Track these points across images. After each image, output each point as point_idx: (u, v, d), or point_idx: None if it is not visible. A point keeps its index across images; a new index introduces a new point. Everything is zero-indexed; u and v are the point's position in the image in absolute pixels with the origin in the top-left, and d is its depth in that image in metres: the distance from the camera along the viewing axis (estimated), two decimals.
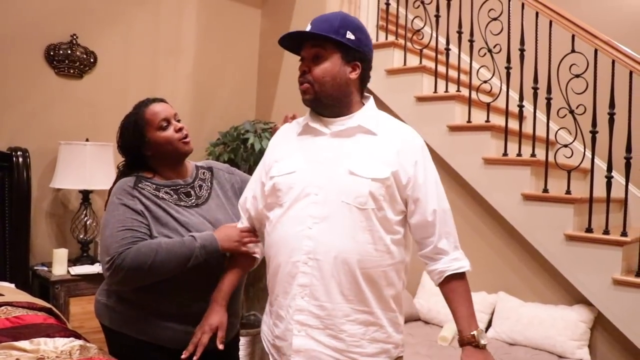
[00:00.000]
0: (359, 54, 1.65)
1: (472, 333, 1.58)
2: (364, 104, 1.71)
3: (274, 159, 1.75)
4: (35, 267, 3.29)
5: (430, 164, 1.67)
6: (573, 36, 3.17)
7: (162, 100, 2.00)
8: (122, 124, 1.99)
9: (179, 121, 1.97)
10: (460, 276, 1.65)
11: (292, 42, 1.70)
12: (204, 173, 2.06)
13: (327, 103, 1.65)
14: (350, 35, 1.63)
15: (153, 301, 1.84)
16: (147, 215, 1.83)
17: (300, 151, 1.69)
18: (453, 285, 1.64)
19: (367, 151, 1.61)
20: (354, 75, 1.65)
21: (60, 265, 3.18)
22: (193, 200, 1.95)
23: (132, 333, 1.87)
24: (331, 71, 1.62)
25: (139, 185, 1.88)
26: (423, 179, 1.62)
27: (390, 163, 1.60)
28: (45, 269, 3.25)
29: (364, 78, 1.69)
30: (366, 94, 1.75)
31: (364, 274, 1.57)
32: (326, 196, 1.58)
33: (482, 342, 1.58)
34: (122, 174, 1.99)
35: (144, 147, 1.93)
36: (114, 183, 1.95)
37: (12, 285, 2.93)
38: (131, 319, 1.87)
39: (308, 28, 1.64)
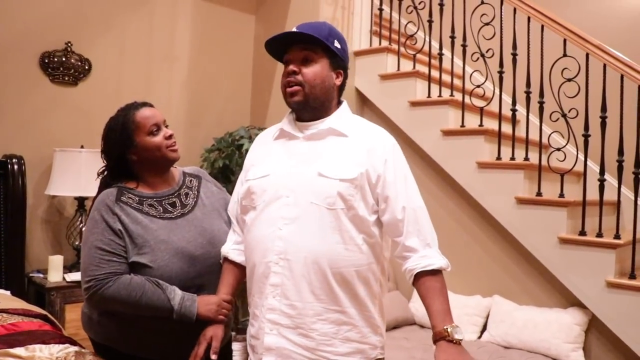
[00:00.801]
0: (342, 62, 1.72)
1: (445, 327, 1.52)
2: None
3: (251, 163, 1.80)
4: (31, 274, 3.29)
5: (401, 162, 1.68)
6: (565, 40, 3.19)
7: (150, 105, 1.95)
8: (107, 125, 1.93)
9: (167, 127, 1.93)
10: (431, 273, 1.60)
11: (277, 46, 1.73)
12: (190, 181, 2.01)
13: (314, 106, 1.68)
14: (337, 44, 1.69)
15: (137, 316, 1.77)
16: (125, 236, 1.77)
17: (274, 155, 1.73)
18: (424, 281, 1.60)
19: (337, 152, 1.65)
20: (338, 82, 1.71)
21: (55, 272, 3.18)
22: (179, 210, 1.89)
23: (118, 347, 1.84)
24: (321, 74, 1.66)
25: (122, 198, 1.82)
26: (393, 177, 1.63)
27: (360, 163, 1.62)
28: (41, 275, 3.25)
29: (343, 86, 1.76)
30: (341, 99, 1.78)
31: (335, 273, 1.59)
32: (296, 198, 1.61)
33: (457, 336, 1.52)
34: (104, 184, 1.94)
35: (129, 151, 1.86)
36: (97, 194, 1.90)
37: (8, 292, 2.93)
38: (115, 333, 1.83)
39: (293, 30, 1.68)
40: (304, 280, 1.58)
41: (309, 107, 1.68)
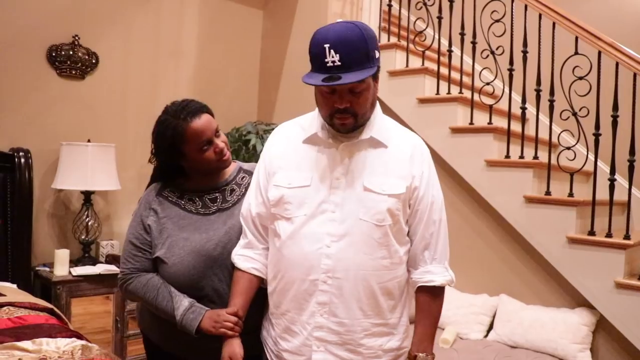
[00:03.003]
0: (379, 68, 1.58)
1: (417, 354, 1.60)
2: None
3: (278, 166, 1.66)
4: (37, 268, 3.29)
5: (434, 176, 1.67)
6: (576, 38, 3.16)
7: (203, 110, 1.81)
8: (157, 129, 1.81)
9: (219, 135, 1.82)
10: (429, 290, 1.64)
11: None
12: (243, 178, 1.92)
13: (361, 125, 1.59)
14: (376, 54, 1.52)
15: None
16: (153, 231, 1.78)
17: (310, 163, 1.62)
18: (420, 300, 1.65)
19: (380, 165, 1.59)
20: (377, 90, 1.62)
21: (61, 266, 3.18)
22: (217, 206, 1.84)
23: (152, 337, 1.87)
24: (371, 98, 1.56)
25: (163, 192, 1.84)
26: (424, 191, 1.62)
27: (403, 176, 1.59)
28: (47, 269, 3.25)
29: None
30: None
31: (381, 288, 1.58)
32: (343, 214, 1.55)
33: None
34: (154, 178, 1.93)
35: (179, 159, 1.82)
36: (150, 183, 1.93)
37: (14, 286, 2.93)
38: (150, 323, 1.86)
39: (332, 58, 1.44)
40: (353, 298, 1.56)
41: (357, 127, 1.59)
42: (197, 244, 1.76)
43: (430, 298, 1.64)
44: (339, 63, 1.43)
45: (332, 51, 1.43)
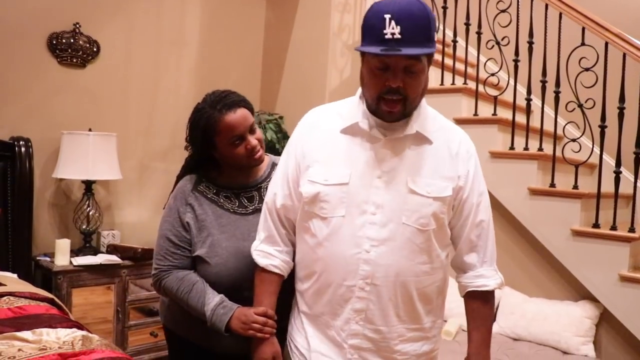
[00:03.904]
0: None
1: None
2: None
3: (315, 159, 1.52)
4: (38, 258, 3.27)
5: (480, 175, 1.55)
6: (583, 29, 3.13)
7: (241, 105, 1.75)
8: (192, 117, 1.78)
9: (254, 131, 1.77)
10: (481, 295, 1.57)
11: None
12: None
13: (409, 114, 1.46)
14: (435, 36, 1.41)
15: None
16: (192, 229, 1.75)
17: (350, 157, 1.49)
18: (473, 305, 1.57)
19: (426, 164, 1.47)
20: (428, 79, 1.49)
21: (62, 256, 3.16)
22: (255, 205, 1.80)
23: (182, 333, 1.83)
24: (424, 83, 1.43)
25: (199, 187, 1.79)
26: (470, 191, 1.52)
27: (449, 177, 1.48)
28: (48, 259, 3.24)
29: None
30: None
31: (420, 294, 1.50)
32: (385, 216, 1.44)
33: None
34: (187, 165, 1.87)
35: (210, 150, 1.78)
36: (181, 173, 1.87)
37: (15, 276, 2.91)
38: (180, 318, 1.80)
39: (392, 30, 1.31)
40: (390, 305, 1.48)
41: (404, 117, 1.45)
42: (240, 245, 1.71)
43: (482, 303, 1.57)
44: (399, 36, 1.30)
45: (393, 22, 1.31)
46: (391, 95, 1.37)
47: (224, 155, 1.76)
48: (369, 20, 1.37)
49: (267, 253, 1.61)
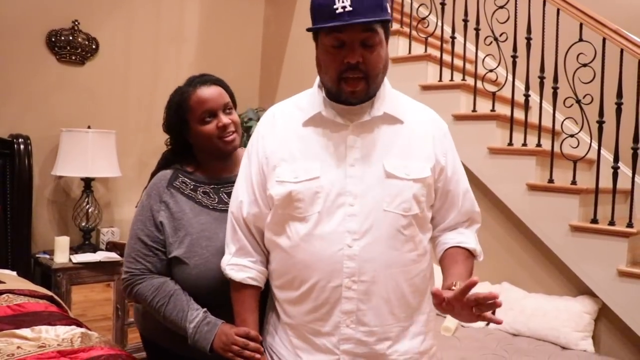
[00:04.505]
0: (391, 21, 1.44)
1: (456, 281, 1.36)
2: None
3: (280, 158, 1.42)
4: (37, 255, 3.28)
5: (454, 149, 1.51)
6: (581, 25, 3.12)
7: (215, 82, 1.70)
8: (170, 98, 1.73)
9: (229, 112, 1.68)
10: (461, 250, 1.47)
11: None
12: None
13: (372, 95, 1.39)
14: (387, 6, 1.34)
15: None
16: (166, 228, 1.63)
17: (317, 149, 1.40)
18: (454, 252, 1.47)
19: (398, 145, 1.39)
20: (388, 54, 1.39)
21: (61, 253, 3.17)
22: None
23: (162, 342, 1.70)
24: (384, 58, 1.35)
25: (175, 183, 1.68)
26: (452, 169, 1.47)
27: (427, 157, 1.41)
28: (47, 256, 3.25)
29: None
30: None
31: (410, 285, 1.41)
32: (364, 205, 1.35)
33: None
34: (164, 160, 1.77)
35: (185, 133, 1.69)
36: (156, 169, 1.76)
37: (14, 273, 2.93)
38: (159, 327, 1.65)
39: (342, 3, 1.27)
40: (382, 301, 1.37)
41: (368, 98, 1.38)
42: (222, 244, 1.57)
43: (464, 253, 1.46)
44: (350, 8, 1.26)
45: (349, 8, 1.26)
46: (351, 74, 1.31)
47: (196, 136, 1.66)
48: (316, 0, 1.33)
49: (242, 266, 1.49)
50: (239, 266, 1.49)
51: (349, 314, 1.37)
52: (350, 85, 1.32)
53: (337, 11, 1.27)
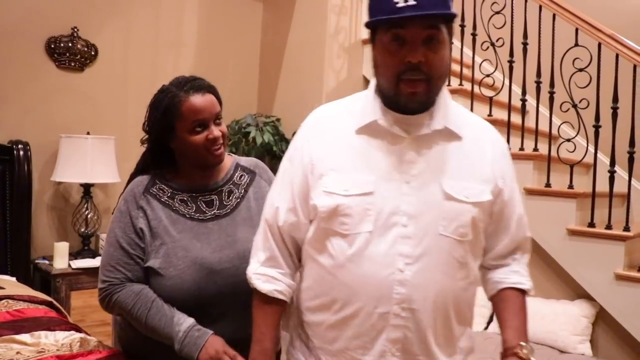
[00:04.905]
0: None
1: (520, 342, 1.30)
2: None
3: (328, 166, 1.29)
4: (37, 261, 3.29)
5: (512, 170, 1.39)
6: (577, 30, 3.15)
7: (209, 90, 1.60)
8: (155, 97, 1.61)
9: (219, 123, 1.59)
10: (518, 290, 1.40)
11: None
12: (241, 176, 1.69)
13: (432, 102, 1.26)
14: (451, 4, 1.21)
15: None
16: (146, 236, 1.55)
17: (371, 161, 1.27)
18: (510, 294, 1.37)
19: (459, 164, 1.27)
20: (451, 57, 1.28)
21: (61, 259, 3.18)
22: (214, 211, 1.61)
23: (144, 354, 1.62)
24: (447, 61, 1.23)
25: (152, 190, 1.60)
26: (510, 192, 1.35)
27: (487, 179, 1.30)
28: (46, 262, 3.25)
29: None
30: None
31: (457, 313, 1.30)
32: (419, 228, 1.23)
33: (532, 358, 1.30)
34: (142, 164, 1.69)
35: (168, 139, 1.59)
36: (133, 173, 1.69)
37: (13, 279, 2.94)
38: (139, 340, 1.58)
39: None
40: (430, 331, 1.26)
41: (429, 104, 1.25)
42: (198, 254, 1.52)
43: (520, 297, 1.38)
44: (413, 2, 1.14)
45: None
46: (412, 75, 1.18)
47: (181, 145, 1.57)
48: None
49: (270, 277, 1.36)
50: (267, 277, 1.37)
51: (396, 342, 1.26)
52: (410, 85, 1.19)
53: (398, 5, 1.15)
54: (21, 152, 3.18)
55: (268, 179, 1.71)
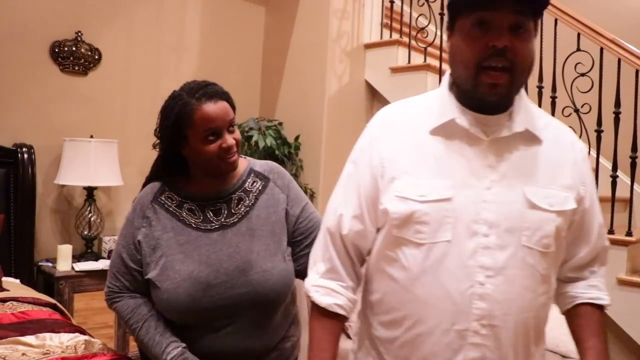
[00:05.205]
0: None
1: None
2: None
3: (401, 169, 1.19)
4: (40, 263, 3.30)
5: (592, 176, 1.30)
6: (578, 34, 3.16)
7: (223, 97, 1.54)
8: (166, 103, 1.57)
9: (232, 130, 1.54)
10: (596, 306, 1.30)
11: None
12: (253, 183, 1.62)
13: (512, 98, 1.18)
14: None
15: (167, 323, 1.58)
16: (143, 248, 1.54)
17: (449, 164, 1.17)
18: (589, 311, 1.28)
19: (541, 170, 1.18)
20: (535, 52, 1.17)
21: (64, 261, 3.19)
22: (221, 221, 1.57)
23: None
24: (532, 51, 1.13)
25: (160, 198, 1.58)
26: (590, 200, 1.26)
27: (570, 185, 1.20)
28: (50, 264, 3.26)
29: None
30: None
31: (536, 331, 1.21)
32: (501, 237, 1.14)
33: None
34: (154, 170, 1.67)
35: (179, 146, 1.55)
36: (147, 179, 1.68)
37: (17, 281, 2.94)
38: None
39: None
40: (510, 350, 1.16)
41: (509, 99, 1.17)
42: (194, 268, 1.49)
43: (598, 311, 1.28)
44: None
45: None
46: (495, 61, 1.08)
47: (193, 153, 1.53)
48: None
49: (330, 289, 1.27)
50: (326, 289, 1.27)
51: None
52: (492, 76, 1.09)
53: None
54: (25, 155, 3.19)
55: (283, 185, 1.65)
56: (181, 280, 1.49)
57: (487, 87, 1.10)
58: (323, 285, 1.27)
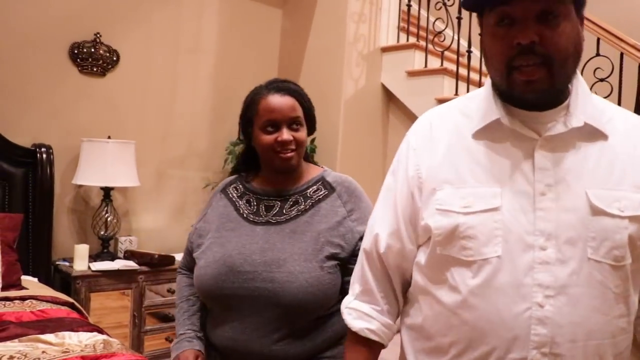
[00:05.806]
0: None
1: None
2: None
3: (443, 179, 1.07)
4: (57, 262, 3.33)
5: None
6: (598, 39, 3.14)
7: (291, 93, 1.57)
8: (250, 92, 1.65)
9: (296, 128, 1.55)
10: None
11: None
12: (317, 190, 1.60)
13: (559, 90, 1.04)
14: None
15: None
16: (199, 231, 1.66)
17: (495, 169, 1.04)
18: None
19: (608, 170, 1.02)
20: (583, 36, 1.06)
21: (81, 261, 3.21)
22: (269, 216, 1.57)
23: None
24: (573, 37, 1.01)
25: (228, 189, 1.68)
26: None
27: None
28: (67, 264, 3.29)
29: None
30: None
31: (615, 358, 1.02)
32: (561, 251, 0.98)
33: None
34: (236, 164, 1.77)
35: (249, 136, 1.61)
36: (231, 171, 1.79)
37: (35, 280, 2.97)
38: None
39: None
40: None
41: (553, 94, 1.03)
42: (226, 253, 1.53)
43: None
44: None
45: None
46: (525, 60, 0.98)
47: (255, 142, 1.58)
48: None
49: (362, 313, 1.18)
50: (359, 312, 1.19)
51: None
52: (525, 73, 0.98)
53: None
54: (44, 156, 3.22)
55: (347, 200, 1.59)
56: (213, 262, 1.53)
57: (522, 85, 1.00)
58: (356, 307, 1.20)
